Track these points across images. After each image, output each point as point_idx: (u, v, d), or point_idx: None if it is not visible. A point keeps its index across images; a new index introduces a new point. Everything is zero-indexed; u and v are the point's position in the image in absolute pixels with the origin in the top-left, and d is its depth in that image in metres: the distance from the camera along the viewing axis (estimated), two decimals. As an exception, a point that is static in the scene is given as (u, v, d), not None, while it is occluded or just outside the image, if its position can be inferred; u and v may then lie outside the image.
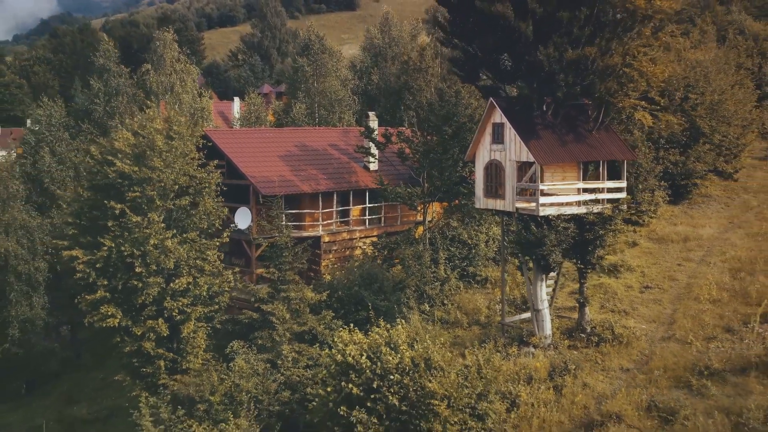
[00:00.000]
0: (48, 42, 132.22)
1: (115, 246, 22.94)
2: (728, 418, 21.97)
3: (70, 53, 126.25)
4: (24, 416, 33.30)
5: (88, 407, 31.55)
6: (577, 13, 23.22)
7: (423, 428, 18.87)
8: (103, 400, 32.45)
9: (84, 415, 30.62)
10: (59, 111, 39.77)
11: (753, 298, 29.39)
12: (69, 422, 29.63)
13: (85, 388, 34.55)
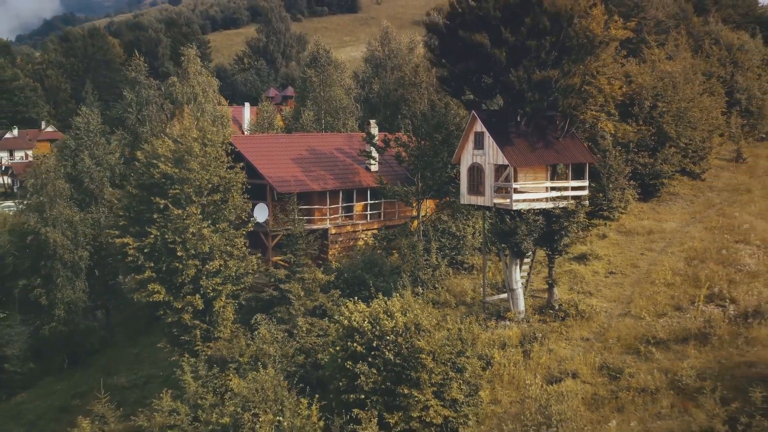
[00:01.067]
0: (59, 46, 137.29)
1: (159, 234, 27.94)
2: (665, 375, 27.02)
3: (81, 57, 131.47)
4: (68, 386, 38.28)
5: (126, 377, 36.54)
6: (543, 41, 28.18)
7: (413, 377, 23.80)
8: (139, 370, 37.44)
9: (123, 383, 35.59)
10: (96, 119, 44.93)
11: (702, 282, 34.39)
12: (110, 389, 34.53)
13: (121, 362, 39.54)
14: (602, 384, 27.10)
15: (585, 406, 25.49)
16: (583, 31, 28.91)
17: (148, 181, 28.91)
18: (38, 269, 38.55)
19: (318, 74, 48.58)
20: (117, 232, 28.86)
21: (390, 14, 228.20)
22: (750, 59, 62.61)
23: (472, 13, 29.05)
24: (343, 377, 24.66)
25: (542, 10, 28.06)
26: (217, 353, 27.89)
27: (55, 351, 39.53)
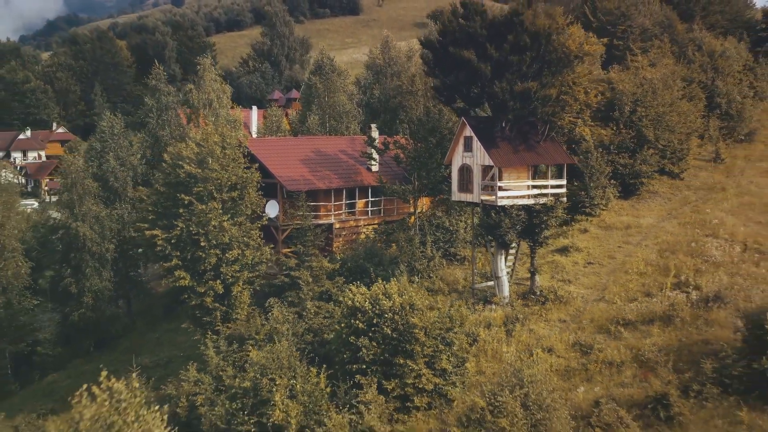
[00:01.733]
0: (68, 48, 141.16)
1: (185, 227, 31.77)
2: (630, 351, 30.86)
3: (90, 60, 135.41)
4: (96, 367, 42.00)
5: (149, 358, 40.39)
6: (524, 57, 32.00)
7: (408, 349, 27.64)
8: (160, 352, 41.28)
9: (147, 363, 39.41)
10: (119, 123, 48.83)
11: (671, 271, 38.19)
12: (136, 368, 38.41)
13: (143, 345, 43.38)
14: (574, 358, 30.97)
15: (558, 376, 29.32)
16: (560, 47, 32.73)
17: (174, 180, 32.77)
18: (68, 260, 42.47)
19: (323, 81, 52.57)
20: (147, 225, 32.71)
21: (391, 16, 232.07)
22: (731, 65, 66.20)
23: (461, 31, 32.87)
24: (347, 350, 28.50)
25: (523, 29, 31.88)
26: (236, 332, 31.73)
27: (83, 336, 43.38)
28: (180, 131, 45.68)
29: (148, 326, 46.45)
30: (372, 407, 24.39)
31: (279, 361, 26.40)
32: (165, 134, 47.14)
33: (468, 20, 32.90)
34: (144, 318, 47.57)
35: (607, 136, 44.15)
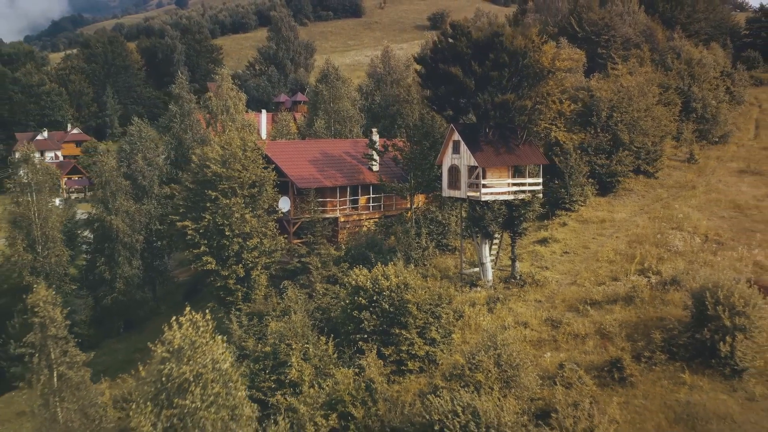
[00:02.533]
0: (81, 52, 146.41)
1: (211, 218, 36.97)
2: (594, 325, 36.06)
3: (101, 63, 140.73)
4: (127, 345, 47.35)
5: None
6: (503, 72, 37.19)
7: (402, 321, 32.84)
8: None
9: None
10: (146, 127, 53.99)
11: (636, 259, 43.38)
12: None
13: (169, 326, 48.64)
14: (545, 331, 36.18)
15: (530, 346, 34.52)
16: (535, 64, 37.90)
17: (202, 178, 37.97)
18: (102, 250, 47.66)
19: (328, 89, 57.80)
20: (178, 217, 37.92)
21: (393, 18, 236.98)
22: (707, 72, 71.30)
23: (449, 49, 38.08)
24: (351, 323, 33.73)
25: (503, 48, 37.07)
26: (255, 309, 36.96)
27: (114, 318, 48.59)
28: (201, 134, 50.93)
29: (170, 309, 51.62)
30: (372, 365, 29.56)
31: (294, 330, 31.63)
32: (188, 137, 52.52)
33: (455, 40, 38.08)
34: (167, 303, 52.86)
35: (579, 140, 49.17)
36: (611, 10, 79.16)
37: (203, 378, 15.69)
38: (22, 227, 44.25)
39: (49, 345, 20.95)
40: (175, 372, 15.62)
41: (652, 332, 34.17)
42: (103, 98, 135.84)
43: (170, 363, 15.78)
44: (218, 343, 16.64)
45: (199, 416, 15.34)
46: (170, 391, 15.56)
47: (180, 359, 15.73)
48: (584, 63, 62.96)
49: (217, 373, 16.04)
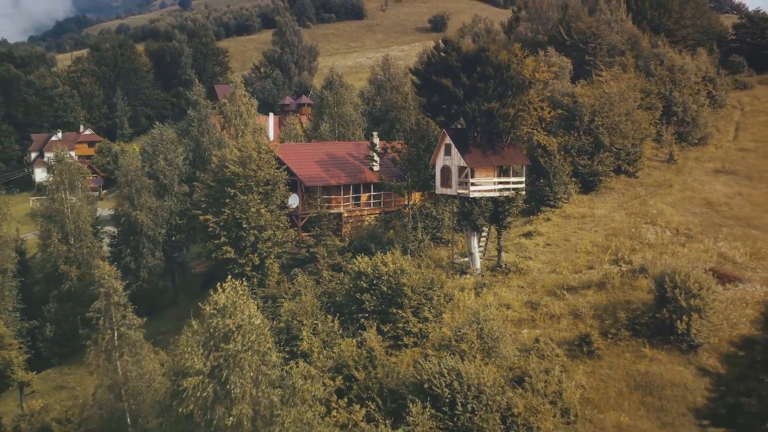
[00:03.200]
0: (91, 55, 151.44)
1: (230, 212, 41.91)
2: (568, 307, 40.96)
3: (111, 66, 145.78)
4: (151, 328, 52.00)
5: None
6: (488, 83, 42.11)
7: (399, 302, 37.76)
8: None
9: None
10: (168, 131, 58.97)
11: (612, 250, 48.27)
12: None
13: (186, 313, 53.47)
14: (525, 312, 41.14)
15: (511, 324, 39.47)
16: (517, 75, 42.81)
17: (221, 177, 42.95)
18: (128, 242, 52.67)
19: (333, 95, 62.74)
20: (200, 212, 42.88)
21: (395, 21, 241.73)
22: (688, 78, 76.13)
23: (441, 62, 43.02)
24: (354, 303, 38.68)
25: (488, 62, 42.00)
26: (269, 293, 41.93)
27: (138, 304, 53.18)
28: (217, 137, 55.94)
29: (188, 298, 56.65)
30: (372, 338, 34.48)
31: (305, 309, 36.60)
32: (204, 140, 57.50)
33: (447, 54, 43.03)
34: (185, 292, 57.86)
35: (559, 143, 54.03)
36: (599, 18, 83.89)
37: (242, 329, 20.53)
38: (57, 221, 49.27)
39: (112, 310, 25.86)
40: (220, 324, 20.46)
41: (619, 312, 39.17)
42: (113, 100, 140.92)
43: (217, 318, 20.61)
44: (251, 305, 21.53)
45: (239, 357, 20.17)
46: (217, 339, 20.39)
47: (224, 315, 20.55)
48: (570, 70, 67.71)
49: (251, 326, 20.88)
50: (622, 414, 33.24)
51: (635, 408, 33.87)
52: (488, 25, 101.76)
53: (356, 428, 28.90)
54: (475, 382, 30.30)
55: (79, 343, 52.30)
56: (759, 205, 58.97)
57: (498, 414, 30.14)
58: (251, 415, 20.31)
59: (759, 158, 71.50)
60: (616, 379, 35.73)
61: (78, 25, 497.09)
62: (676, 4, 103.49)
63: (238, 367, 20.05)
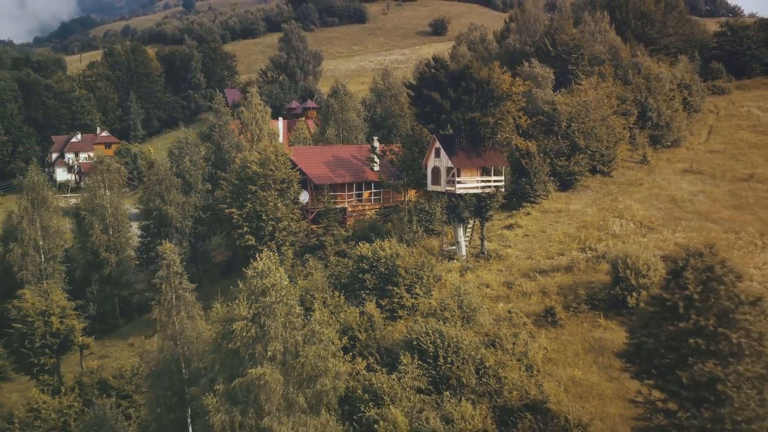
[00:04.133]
0: (105, 60, 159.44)
1: (252, 206, 49.66)
2: (539, 286, 48.71)
3: (125, 70, 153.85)
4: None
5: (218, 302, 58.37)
6: (471, 96, 49.83)
7: (394, 280, 45.53)
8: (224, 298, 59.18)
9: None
10: (192, 134, 66.79)
11: (581, 239, 55.96)
12: (209, 308, 56.44)
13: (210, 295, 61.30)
14: (502, 290, 48.87)
15: (489, 300, 47.19)
16: (496, 89, 50.53)
17: (244, 176, 50.76)
18: (159, 233, 60.47)
19: (338, 103, 70.51)
20: (226, 206, 50.69)
21: (396, 24, 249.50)
22: (663, 85, 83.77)
23: (431, 78, 50.76)
24: (357, 282, 46.42)
25: (471, 78, 49.73)
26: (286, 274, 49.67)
27: (167, 288, 61.34)
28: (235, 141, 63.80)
29: (210, 283, 64.46)
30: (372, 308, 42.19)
31: (316, 285, 44.35)
32: (225, 143, 65.30)
33: (436, 71, 50.79)
34: (207, 277, 65.66)
35: (535, 146, 61.72)
36: (584, 29, 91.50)
37: (275, 287, 28.09)
38: (98, 214, 56.97)
39: (172, 277, 33.48)
40: (259, 283, 28.03)
41: (580, 290, 46.94)
42: (127, 103, 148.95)
43: (256, 278, 28.18)
44: (281, 270, 29.16)
45: (273, 307, 27.70)
46: (257, 294, 27.93)
47: (262, 276, 28.14)
48: (553, 79, 75.34)
49: (281, 286, 28.44)
50: (576, 370, 40.92)
51: (588, 366, 41.53)
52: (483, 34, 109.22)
53: (359, 375, 36.60)
54: (455, 341, 37.99)
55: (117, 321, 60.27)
56: (718, 202, 66.63)
57: (473, 366, 37.81)
58: (282, 350, 27.91)
59: (725, 159, 79.13)
60: (573, 344, 43.44)
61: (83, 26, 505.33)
62: (659, 14, 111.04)
63: (272, 314, 27.59)
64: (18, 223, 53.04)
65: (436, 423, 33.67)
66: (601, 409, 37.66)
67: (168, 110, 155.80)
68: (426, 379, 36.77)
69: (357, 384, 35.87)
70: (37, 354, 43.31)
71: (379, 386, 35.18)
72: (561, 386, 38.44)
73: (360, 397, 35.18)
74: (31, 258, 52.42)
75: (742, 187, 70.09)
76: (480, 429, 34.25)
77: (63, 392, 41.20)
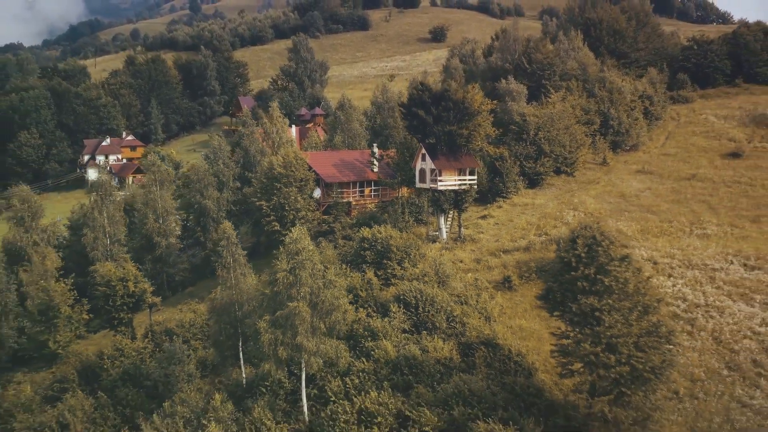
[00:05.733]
0: (126, 69, 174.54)
1: (277, 199, 64.32)
2: (501, 261, 63.34)
3: (146, 79, 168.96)
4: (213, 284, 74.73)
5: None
6: (449, 113, 64.47)
7: (388, 256, 60.20)
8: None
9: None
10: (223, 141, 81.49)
11: (540, 227, 70.54)
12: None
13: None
14: (472, 265, 63.47)
15: (461, 271, 61.79)
16: (470, 107, 65.10)
17: (271, 176, 65.44)
18: (198, 222, 75.05)
19: (344, 114, 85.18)
20: (256, 199, 65.34)
21: (397, 31, 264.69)
22: (624, 97, 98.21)
23: (418, 98, 65.42)
24: (359, 258, 61.07)
25: (449, 98, 64.37)
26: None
27: (204, 266, 75.97)
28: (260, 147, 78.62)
29: (239, 264, 79.27)
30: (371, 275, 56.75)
31: (328, 259, 58.98)
32: (252, 149, 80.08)
33: (422, 92, 65.45)
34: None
35: (500, 152, 76.33)
36: (558, 47, 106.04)
37: (303, 249, 42.44)
38: (151, 207, 71.55)
39: (230, 246, 47.94)
40: (293, 246, 42.44)
41: (531, 264, 61.52)
42: (148, 109, 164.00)
43: (292, 243, 42.63)
44: (307, 238, 43.71)
45: (303, 263, 42.10)
46: (292, 253, 42.35)
47: (295, 242, 42.58)
48: (526, 93, 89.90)
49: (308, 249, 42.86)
50: (523, 320, 55.47)
51: (532, 318, 56.03)
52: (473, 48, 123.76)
53: (360, 320, 51.16)
54: (431, 296, 52.58)
55: (165, 293, 74.91)
56: (661, 197, 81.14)
57: (444, 315, 52.37)
58: (309, 292, 42.29)
59: (675, 161, 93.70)
60: (523, 303, 58.01)
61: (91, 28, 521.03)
62: (630, 30, 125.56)
63: (302, 267, 41.92)
64: (90, 212, 67.81)
65: (415, 351, 48.28)
66: (537, 346, 52.21)
67: (185, 115, 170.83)
68: (409, 322, 51.38)
69: (359, 326, 50.52)
70: (117, 310, 57.88)
71: (375, 327, 49.82)
72: (509, 331, 53.06)
73: (361, 334, 49.83)
74: (100, 240, 67.13)
75: (683, 185, 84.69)
76: (447, 356, 48.82)
77: (139, 338, 55.87)
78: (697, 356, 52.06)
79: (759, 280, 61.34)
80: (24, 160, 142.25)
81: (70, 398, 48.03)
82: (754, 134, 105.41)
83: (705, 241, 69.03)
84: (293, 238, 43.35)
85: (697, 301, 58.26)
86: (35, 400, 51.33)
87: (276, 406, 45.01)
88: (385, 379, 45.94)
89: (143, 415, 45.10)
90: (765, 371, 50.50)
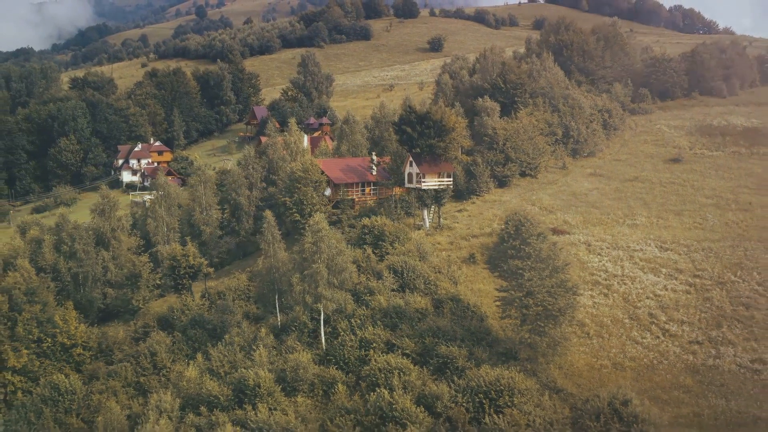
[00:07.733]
0: (150, 80, 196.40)
1: (298, 196, 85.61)
2: (469, 243, 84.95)
3: (169, 90, 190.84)
4: (245, 264, 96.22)
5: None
6: (430, 130, 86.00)
7: (383, 238, 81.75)
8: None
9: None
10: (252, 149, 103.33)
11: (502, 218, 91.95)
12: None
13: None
14: (447, 246, 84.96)
15: (438, 251, 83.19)
16: (447, 124, 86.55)
17: (293, 178, 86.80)
18: (235, 215, 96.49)
19: (349, 127, 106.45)
20: (281, 195, 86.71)
21: (398, 41, 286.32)
22: (584, 111, 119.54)
23: (406, 118, 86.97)
24: (361, 240, 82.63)
25: (430, 118, 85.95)
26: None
27: (239, 250, 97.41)
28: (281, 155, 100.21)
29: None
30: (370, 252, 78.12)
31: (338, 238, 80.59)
32: (275, 157, 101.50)
33: (409, 114, 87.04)
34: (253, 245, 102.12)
35: (472, 159, 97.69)
36: (531, 67, 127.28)
37: (323, 228, 63.49)
38: (197, 201, 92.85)
39: (271, 228, 69.36)
40: (315, 226, 63.58)
41: (490, 245, 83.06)
42: (171, 117, 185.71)
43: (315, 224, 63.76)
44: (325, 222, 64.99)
45: (322, 236, 63.17)
46: (315, 232, 63.43)
47: (317, 223, 63.74)
48: (499, 109, 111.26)
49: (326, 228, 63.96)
50: (481, 285, 76.85)
51: (489, 283, 77.32)
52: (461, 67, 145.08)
53: (362, 282, 72.57)
54: (413, 266, 74.01)
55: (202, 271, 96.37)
56: (605, 195, 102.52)
57: (423, 279, 73.75)
58: (326, 257, 63.57)
59: (624, 166, 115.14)
60: (482, 273, 79.39)
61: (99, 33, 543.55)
62: (598, 50, 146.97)
63: (322, 240, 63.15)
64: (153, 206, 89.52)
65: (401, 302, 69.67)
66: (489, 302, 73.50)
67: (204, 122, 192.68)
68: (397, 284, 72.85)
69: (361, 286, 71.99)
70: (180, 278, 79.35)
71: (372, 286, 71.31)
72: (470, 291, 74.50)
73: (362, 291, 71.28)
74: (160, 228, 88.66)
75: (626, 186, 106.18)
76: (423, 307, 70.21)
77: (197, 298, 77.57)
78: (608, 310, 73.56)
79: (669, 258, 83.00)
80: (64, 163, 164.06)
81: (155, 335, 69.60)
82: (697, 142, 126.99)
83: (633, 230, 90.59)
84: (315, 221, 64.88)
85: (615, 273, 79.84)
86: (126, 340, 72.95)
87: (302, 339, 66.61)
88: (378, 320, 67.44)
89: (210, 345, 66.65)
90: (657, 321, 72.12)
